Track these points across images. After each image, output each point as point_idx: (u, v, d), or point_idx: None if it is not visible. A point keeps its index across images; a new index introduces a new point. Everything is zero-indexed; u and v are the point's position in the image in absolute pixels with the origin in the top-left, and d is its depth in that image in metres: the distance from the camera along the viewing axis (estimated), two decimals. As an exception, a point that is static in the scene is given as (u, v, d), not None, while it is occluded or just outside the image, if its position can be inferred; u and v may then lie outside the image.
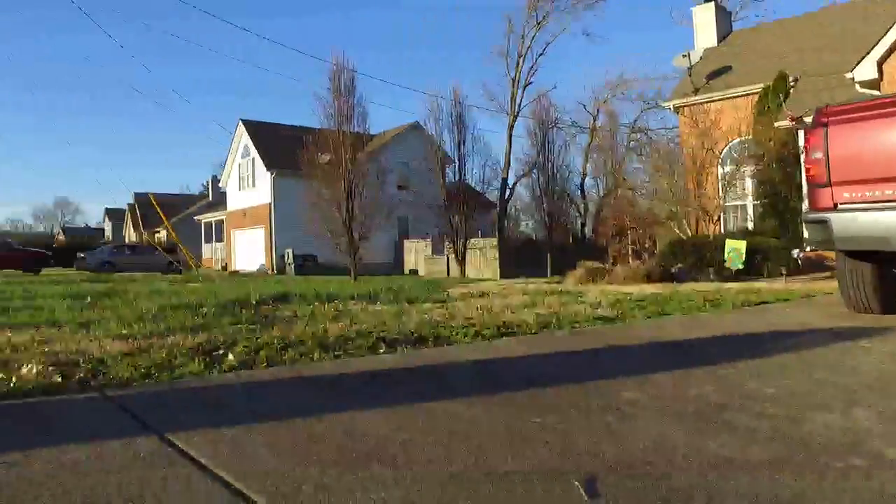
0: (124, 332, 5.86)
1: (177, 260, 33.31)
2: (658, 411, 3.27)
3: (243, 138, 37.03)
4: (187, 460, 2.56)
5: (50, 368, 4.13)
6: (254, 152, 35.49)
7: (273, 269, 32.35)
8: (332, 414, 3.29)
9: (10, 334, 5.69)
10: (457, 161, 27.83)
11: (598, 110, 44.03)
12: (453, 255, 27.47)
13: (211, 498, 2.21)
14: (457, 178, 27.96)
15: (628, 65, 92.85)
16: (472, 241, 28.13)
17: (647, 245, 19.45)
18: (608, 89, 43.66)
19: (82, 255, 33.27)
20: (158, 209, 32.91)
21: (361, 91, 33.18)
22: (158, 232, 52.35)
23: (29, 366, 4.08)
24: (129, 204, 62.21)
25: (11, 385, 3.80)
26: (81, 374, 4.13)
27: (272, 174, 33.32)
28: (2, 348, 4.91)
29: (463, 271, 26.49)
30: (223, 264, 40.77)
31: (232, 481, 2.32)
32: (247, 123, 36.96)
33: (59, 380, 3.96)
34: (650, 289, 11.75)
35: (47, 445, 2.72)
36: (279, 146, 32.90)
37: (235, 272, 34.13)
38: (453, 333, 6.05)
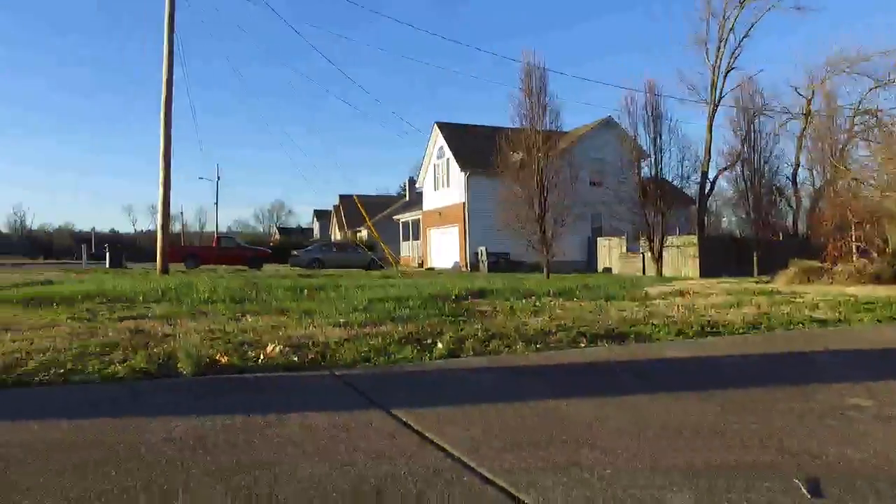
0: (341, 320, 6.42)
1: (378, 257, 35.55)
2: (892, 420, 3.00)
3: (438, 140, 38.53)
4: (412, 432, 2.82)
5: (287, 349, 4.67)
6: (448, 153, 36.79)
7: (467, 267, 33.33)
8: (537, 400, 3.41)
9: (249, 319, 6.50)
10: (652, 155, 26.76)
11: (813, 92, 39.88)
12: (649, 253, 26.47)
13: (437, 464, 2.41)
14: (653, 173, 26.90)
15: (849, 38, 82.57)
16: (670, 238, 26.94)
17: (875, 243, 17.38)
18: (827, 67, 39.20)
19: (295, 253, 36.53)
20: (362, 209, 35.25)
21: (553, 89, 33.12)
22: (360, 231, 56.03)
23: (272, 346, 4.64)
24: (334, 205, 67.32)
25: (259, 361, 4.36)
26: (312, 356, 4.62)
27: (466, 174, 34.27)
28: (247, 331, 5.60)
29: (659, 270, 25.45)
30: (419, 261, 42.77)
31: (452, 451, 2.52)
32: (441, 126, 38.40)
33: (295, 359, 4.47)
34: (882, 291, 10.56)
35: (295, 411, 3.12)
36: (472, 146, 33.84)
37: (431, 269, 35.71)
38: (654, 331, 5.93)
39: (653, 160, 27.07)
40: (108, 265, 29.17)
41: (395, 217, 51.03)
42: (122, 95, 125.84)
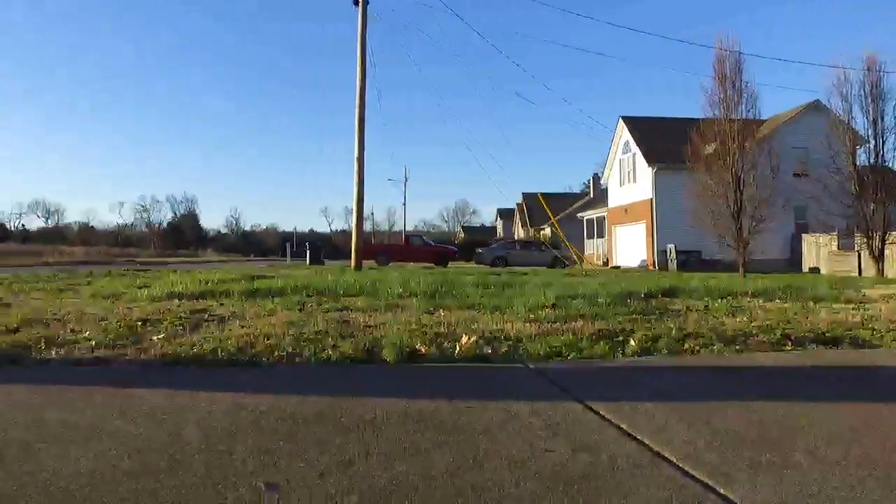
0: (531, 316, 6.53)
1: (562, 255, 35.36)
2: None
3: (624, 134, 37.45)
4: (609, 424, 2.87)
5: (480, 342, 4.86)
6: (634, 148, 35.60)
7: (654, 265, 32.11)
8: (738, 402, 3.30)
9: (442, 313, 6.82)
10: (872, 140, 23.87)
11: None
12: (867, 252, 23.53)
13: (637, 456, 2.44)
14: (872, 160, 23.95)
15: None
16: (893, 234, 23.81)
17: None
18: None
19: (479, 251, 37.43)
20: (546, 206, 35.21)
21: (750, 74, 30.79)
22: (543, 229, 56.07)
23: (467, 338, 4.86)
24: (517, 204, 67.91)
25: (455, 353, 4.59)
26: (504, 349, 4.77)
27: (653, 169, 32.95)
28: (441, 324, 5.90)
29: (881, 270, 22.47)
30: (604, 259, 41.91)
31: (651, 444, 2.53)
32: (627, 120, 37.29)
33: (489, 351, 4.65)
34: None
35: (495, 399, 3.27)
36: (660, 140, 32.52)
37: (616, 267, 34.87)
38: (875, 336, 5.40)
39: (872, 146, 24.17)
40: (308, 262, 31.77)
41: (578, 214, 50.41)
42: (318, 111, 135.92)
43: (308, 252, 33.35)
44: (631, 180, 37.26)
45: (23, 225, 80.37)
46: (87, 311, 6.79)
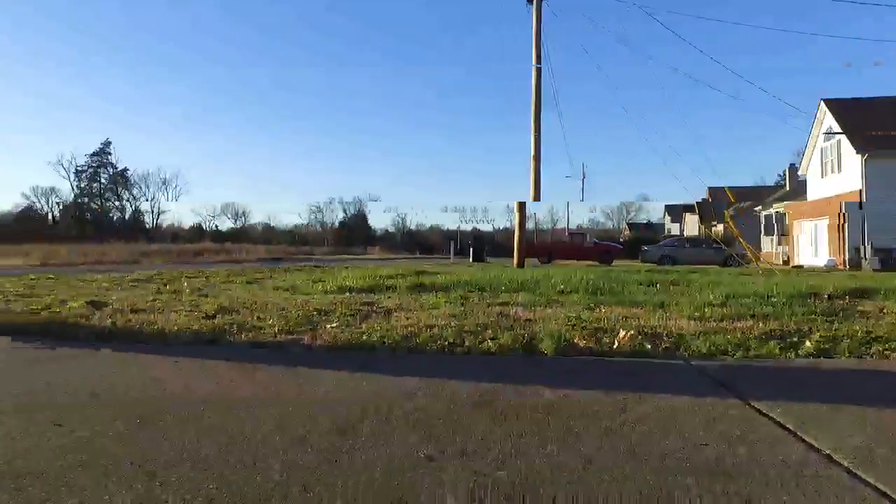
0: (696, 314, 6.29)
1: (736, 253, 33.20)
2: None
3: (826, 119, 33.79)
4: (772, 422, 2.74)
5: (640, 337, 4.78)
6: (838, 133, 32.20)
7: (845, 265, 29.18)
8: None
9: (602, 310, 6.75)
10: None
11: None
12: None
13: (799, 455, 2.32)
14: None
15: None
16: None
17: None
18: None
19: (645, 248, 36.17)
20: (731, 197, 32.88)
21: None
22: (716, 226, 53.08)
23: (625, 332, 4.81)
24: (696, 202, 64.62)
25: (613, 347, 4.56)
26: (665, 345, 4.66)
27: (863, 156, 29.60)
28: (601, 319, 5.86)
29: None
30: (784, 258, 38.87)
31: (818, 446, 2.40)
32: (829, 103, 33.58)
33: (648, 347, 4.56)
34: None
35: (652, 392, 3.24)
36: (870, 123, 29.22)
37: (798, 267, 32.14)
38: None
39: None
40: (471, 259, 32.37)
41: (756, 209, 47.14)
42: (477, 114, 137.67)
43: (471, 250, 34.00)
44: (835, 169, 33.59)
45: (216, 226, 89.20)
46: (270, 302, 7.46)
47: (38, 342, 4.89)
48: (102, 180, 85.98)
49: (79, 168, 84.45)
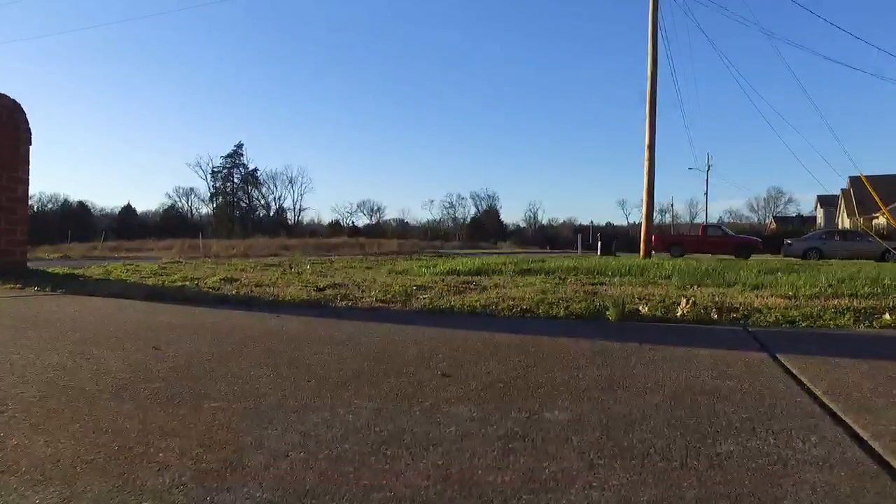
0: (790, 293, 6.22)
1: (890, 248, 30.52)
2: None
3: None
4: (780, 367, 2.92)
5: (709, 307, 4.92)
6: None
7: None
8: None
9: (695, 289, 6.78)
10: None
11: None
12: None
13: (783, 390, 2.53)
14: None
15: None
16: None
17: None
18: None
19: (788, 242, 33.88)
20: (872, 190, 30.61)
21: None
22: (877, 217, 48.88)
23: (686, 301, 4.96)
24: (842, 189, 59.96)
25: (679, 314, 4.75)
26: (734, 315, 4.77)
27: None
28: (688, 297, 5.96)
29: None
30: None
31: (809, 384, 2.59)
32: None
33: (714, 316, 4.69)
34: None
35: (685, 346, 3.47)
36: None
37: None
38: None
39: None
40: (599, 253, 31.96)
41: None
42: (616, 103, 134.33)
43: (599, 243, 33.56)
44: None
45: (352, 222, 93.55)
46: (378, 281, 8.11)
47: (170, 302, 5.79)
48: (235, 180, 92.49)
49: (214, 169, 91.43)
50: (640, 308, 4.90)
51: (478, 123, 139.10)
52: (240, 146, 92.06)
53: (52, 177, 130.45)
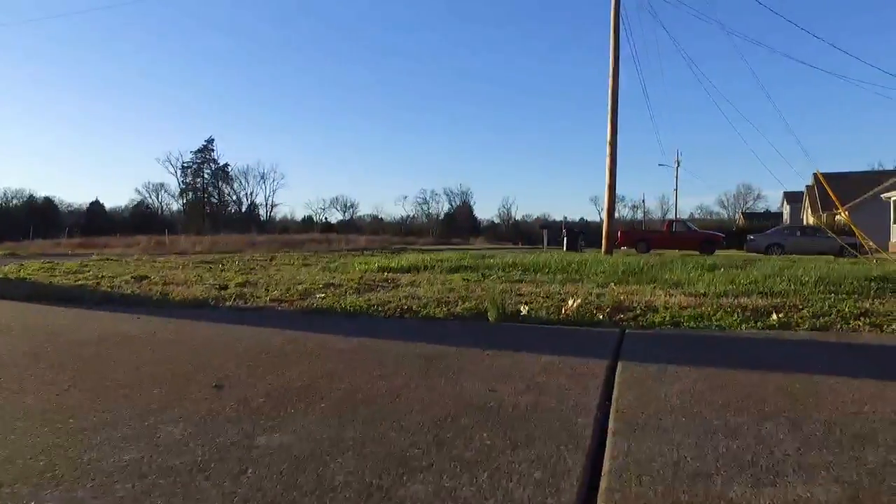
0: (702, 291, 6.08)
1: (855, 243, 30.73)
2: None
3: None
4: (603, 380, 2.74)
5: (595, 308, 4.75)
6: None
7: None
8: (808, 374, 2.86)
9: (614, 286, 6.63)
10: None
11: None
12: None
13: (576, 411, 2.33)
14: None
15: None
16: None
17: None
18: None
19: (751, 237, 33.96)
20: (827, 186, 30.80)
21: None
22: (837, 214, 49.42)
23: (573, 301, 4.81)
24: (807, 186, 60.40)
25: (561, 315, 4.56)
26: (623, 316, 4.61)
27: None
28: (591, 294, 5.80)
29: None
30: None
31: (616, 397, 2.40)
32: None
33: (600, 317, 4.53)
34: None
35: (527, 351, 3.28)
36: None
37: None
38: None
39: None
40: (564, 248, 31.81)
41: (884, 196, 43.42)
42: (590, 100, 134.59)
43: (565, 239, 33.37)
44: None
45: (325, 218, 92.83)
46: (298, 279, 7.84)
47: (49, 302, 5.53)
48: (205, 175, 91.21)
49: (184, 164, 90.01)
50: (521, 309, 4.71)
51: (451, 118, 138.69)
52: (210, 141, 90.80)
53: (17, 172, 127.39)
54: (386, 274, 8.83)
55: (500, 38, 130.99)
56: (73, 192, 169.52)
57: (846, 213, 31.25)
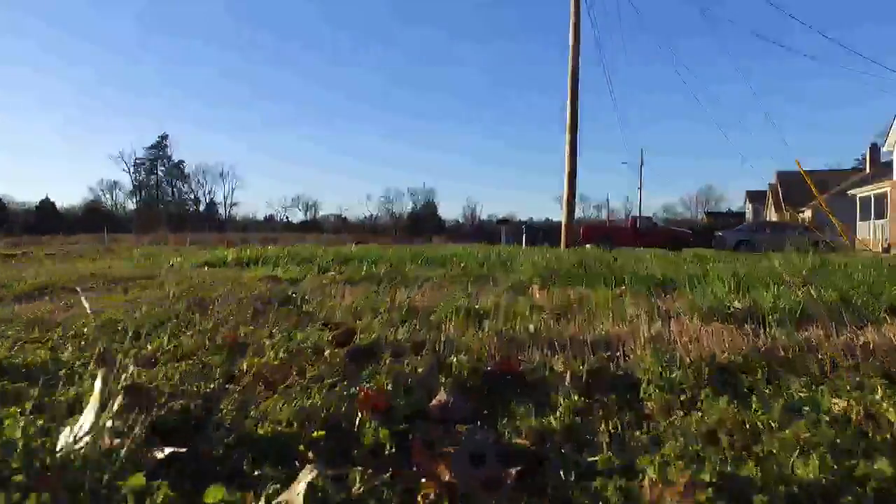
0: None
1: (824, 239, 29.47)
2: None
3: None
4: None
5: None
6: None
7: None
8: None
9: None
10: None
11: None
12: None
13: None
14: None
15: None
16: None
17: None
18: None
19: (719, 234, 32.66)
20: (809, 181, 29.43)
21: None
22: (803, 211, 48.55)
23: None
24: (770, 184, 59.72)
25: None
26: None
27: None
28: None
29: None
30: (886, 244, 34.39)
31: None
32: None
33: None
34: None
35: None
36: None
37: None
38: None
39: None
40: (523, 244, 30.33)
41: (850, 192, 42.57)
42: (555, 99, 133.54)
43: (524, 236, 32.51)
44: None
45: (287, 217, 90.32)
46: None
47: None
48: (159, 173, 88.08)
49: (137, 161, 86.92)
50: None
51: (414, 117, 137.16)
52: (164, 137, 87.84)
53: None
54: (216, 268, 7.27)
55: (464, 31, 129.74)
56: (26, 191, 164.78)
57: (825, 205, 29.94)
